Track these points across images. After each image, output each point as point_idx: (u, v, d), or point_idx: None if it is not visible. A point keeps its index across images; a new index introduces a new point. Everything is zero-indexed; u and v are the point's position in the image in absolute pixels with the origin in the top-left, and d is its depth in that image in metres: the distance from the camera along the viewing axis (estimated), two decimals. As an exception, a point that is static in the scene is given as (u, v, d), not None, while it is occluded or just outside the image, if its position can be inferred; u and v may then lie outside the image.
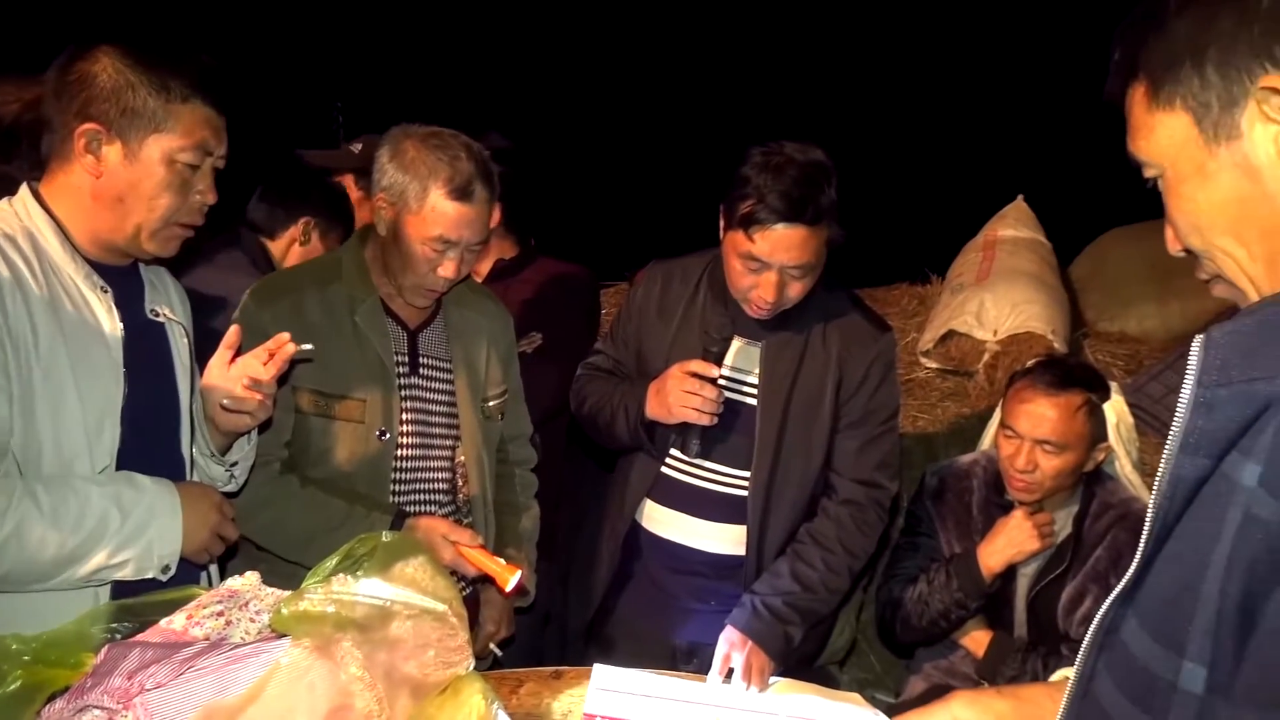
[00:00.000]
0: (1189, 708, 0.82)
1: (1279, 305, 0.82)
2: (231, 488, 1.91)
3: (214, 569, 1.88)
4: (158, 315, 1.78)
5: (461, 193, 1.96)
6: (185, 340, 1.82)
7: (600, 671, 2.01)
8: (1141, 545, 0.90)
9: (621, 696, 1.91)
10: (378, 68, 8.91)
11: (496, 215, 2.63)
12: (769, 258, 2.04)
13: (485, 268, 2.79)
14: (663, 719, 1.90)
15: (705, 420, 2.11)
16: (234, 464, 1.87)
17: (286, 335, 1.73)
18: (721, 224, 2.15)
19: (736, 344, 2.22)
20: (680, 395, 2.10)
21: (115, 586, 1.62)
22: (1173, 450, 0.85)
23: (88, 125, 1.58)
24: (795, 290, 2.11)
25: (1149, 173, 0.95)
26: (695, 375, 2.10)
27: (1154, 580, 0.89)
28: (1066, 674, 1.26)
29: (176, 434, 1.79)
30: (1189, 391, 0.84)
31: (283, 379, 1.81)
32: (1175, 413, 0.85)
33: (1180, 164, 0.90)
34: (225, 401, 1.72)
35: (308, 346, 1.77)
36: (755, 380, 2.21)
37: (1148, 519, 0.89)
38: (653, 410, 2.17)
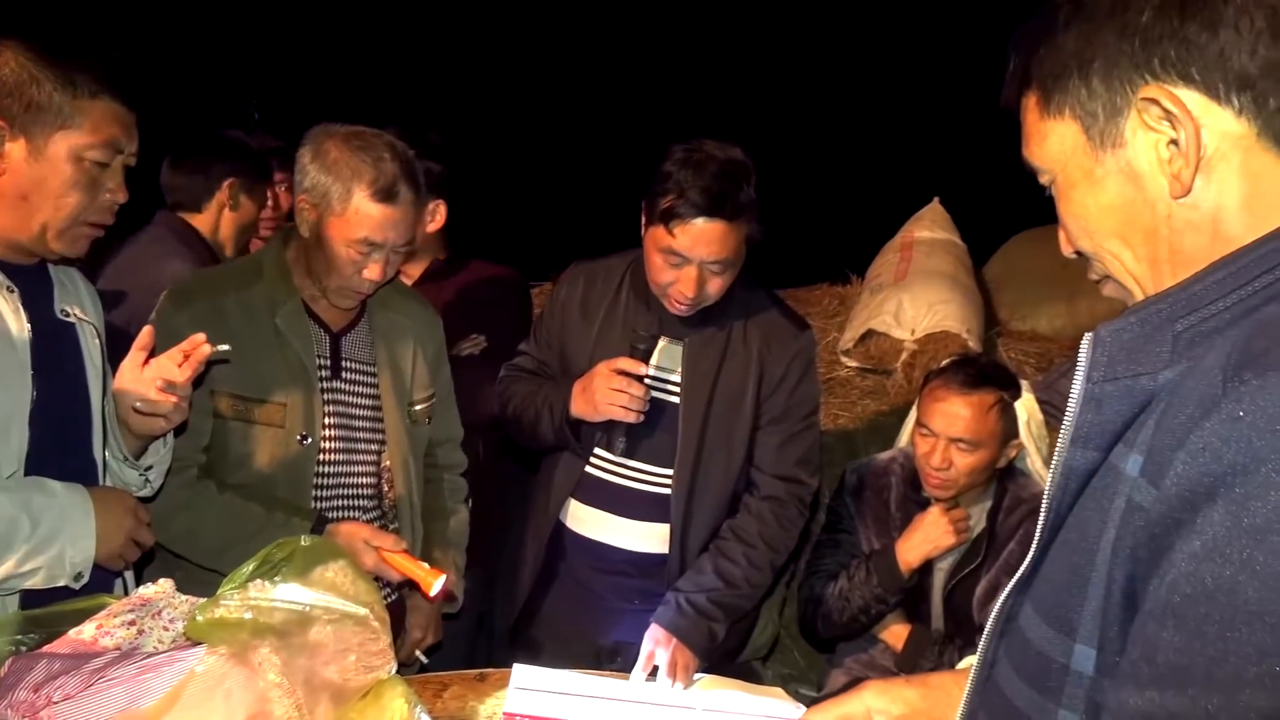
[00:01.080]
0: (1080, 688, 0.86)
1: (1160, 304, 0.86)
2: (146, 492, 1.85)
3: (129, 576, 1.83)
4: (68, 315, 1.72)
5: (386, 194, 1.93)
6: (97, 341, 1.77)
7: (520, 671, 2.01)
8: (1037, 535, 0.94)
9: (541, 695, 1.91)
10: (294, 65, 8.74)
11: (441, 217, 2.61)
12: (689, 252, 2.06)
13: (418, 270, 2.75)
14: (582, 716, 1.90)
15: (632, 418, 2.13)
16: (149, 468, 1.82)
17: (202, 336, 1.69)
18: (643, 220, 2.17)
19: (659, 342, 2.24)
20: (607, 393, 2.11)
21: (24, 595, 1.57)
22: (1065, 443, 0.89)
23: None
24: (715, 286, 2.13)
25: (1043, 178, 0.99)
26: (622, 373, 2.12)
27: (1048, 568, 0.93)
28: (972, 661, 1.31)
29: (88, 437, 1.74)
30: (1079, 387, 0.88)
31: (198, 381, 1.76)
32: (1067, 407, 0.89)
33: (1070, 170, 0.94)
34: (138, 404, 1.67)
35: (224, 347, 1.73)
36: (677, 378, 2.23)
37: (1042, 509, 0.93)
38: (578, 409, 2.18)
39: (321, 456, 2.07)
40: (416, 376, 2.24)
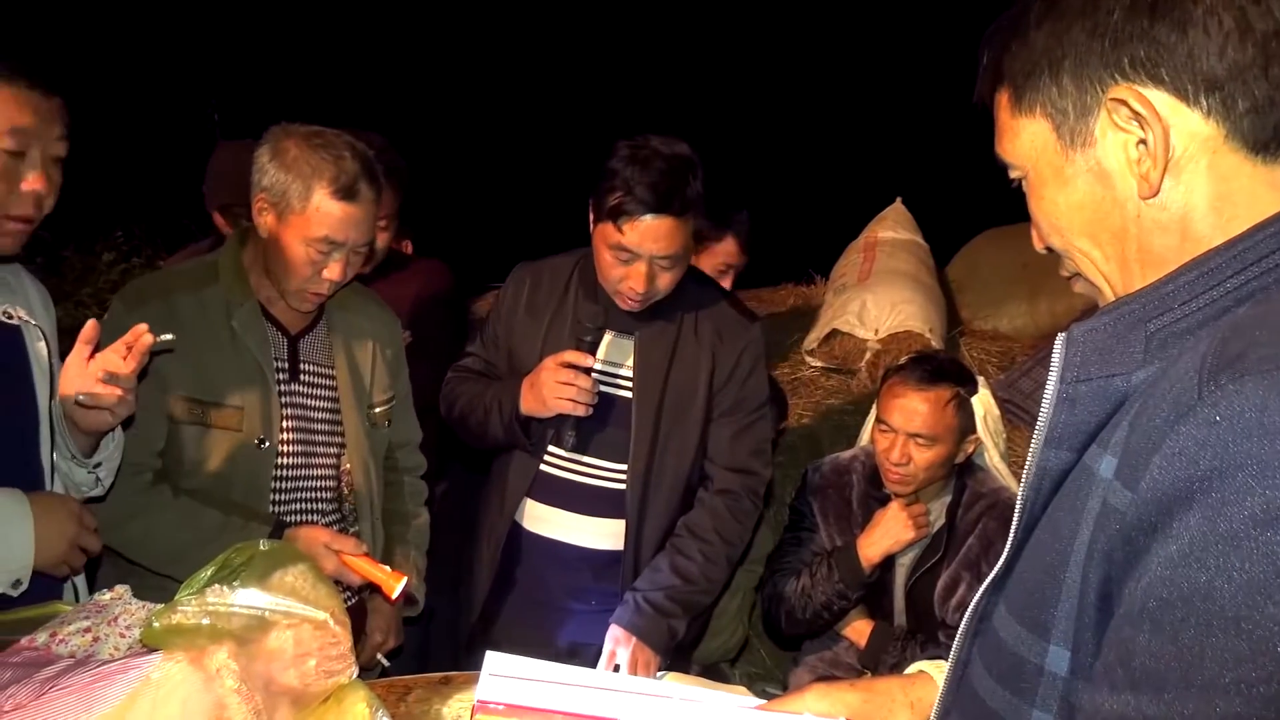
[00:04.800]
0: (1054, 689, 0.85)
1: (1132, 304, 0.86)
2: (98, 492, 1.81)
3: (81, 583, 1.80)
4: (10, 317, 1.67)
5: (347, 192, 1.91)
6: (43, 344, 1.72)
7: (492, 658, 1.99)
8: (1011, 535, 0.93)
9: (515, 683, 1.89)
10: (254, 66, 8.66)
11: (385, 208, 2.59)
12: (638, 248, 2.08)
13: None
14: (556, 703, 1.89)
15: (581, 410, 2.13)
16: (98, 465, 1.76)
17: (144, 326, 1.63)
18: (591, 217, 2.18)
19: (609, 337, 2.25)
20: (555, 386, 2.12)
21: None
22: (1039, 443, 0.89)
23: None
24: (664, 281, 2.15)
25: (1014, 174, 0.99)
26: (569, 366, 2.12)
27: (1022, 568, 0.92)
28: (922, 666, 1.31)
29: (35, 441, 1.70)
30: (1053, 387, 0.88)
31: (143, 374, 1.70)
32: (1040, 407, 0.89)
33: (1041, 167, 0.94)
34: (81, 398, 1.60)
35: (168, 336, 1.68)
36: (629, 372, 2.24)
37: (1016, 509, 0.92)
38: (528, 405, 2.18)
39: (279, 460, 2.05)
40: (375, 379, 2.22)
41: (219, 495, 1.99)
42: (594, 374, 2.17)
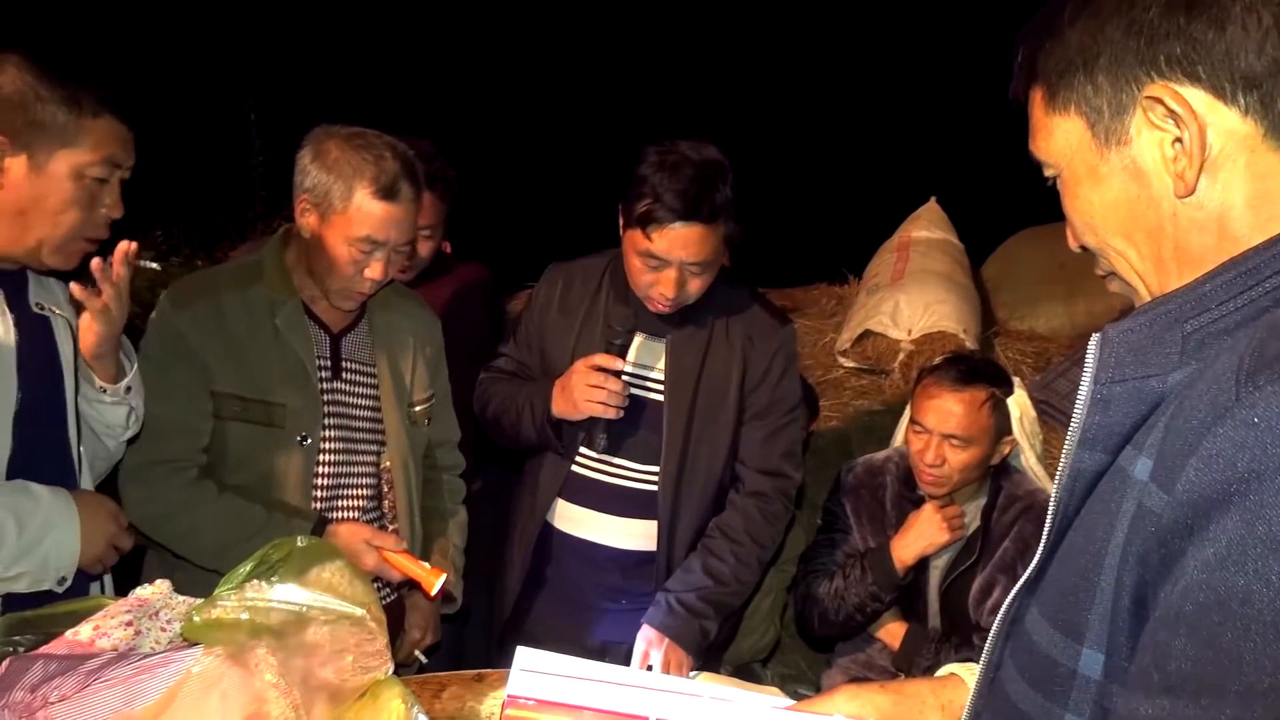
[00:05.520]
0: (1088, 692, 0.84)
1: (1169, 304, 0.85)
2: (134, 429, 1.84)
3: (108, 580, 1.83)
4: (43, 309, 1.70)
5: (388, 192, 1.93)
6: (70, 334, 1.75)
7: (523, 654, 2.00)
8: (1044, 537, 0.92)
9: (546, 678, 1.90)
10: (288, 67, 8.74)
11: (431, 217, 2.60)
12: (667, 255, 2.07)
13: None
14: (587, 699, 1.90)
15: (611, 413, 2.14)
16: (129, 390, 1.78)
17: (126, 244, 1.65)
18: (620, 222, 2.17)
19: (640, 339, 2.25)
20: (585, 390, 2.12)
21: (5, 598, 1.56)
22: (1072, 445, 0.88)
23: None
24: (695, 286, 2.14)
25: (1048, 172, 0.98)
26: (600, 369, 2.12)
27: (1055, 570, 0.91)
28: (953, 669, 1.30)
29: (65, 435, 1.73)
30: (1087, 388, 0.87)
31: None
32: (1074, 408, 0.88)
33: (1075, 166, 0.93)
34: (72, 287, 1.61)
35: (154, 265, 1.73)
36: (661, 375, 2.24)
37: (1049, 511, 0.92)
38: (559, 407, 2.18)
39: (321, 457, 2.07)
40: (416, 377, 2.24)
41: (262, 491, 2.02)
42: (625, 377, 2.18)
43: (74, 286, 1.61)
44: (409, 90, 9.14)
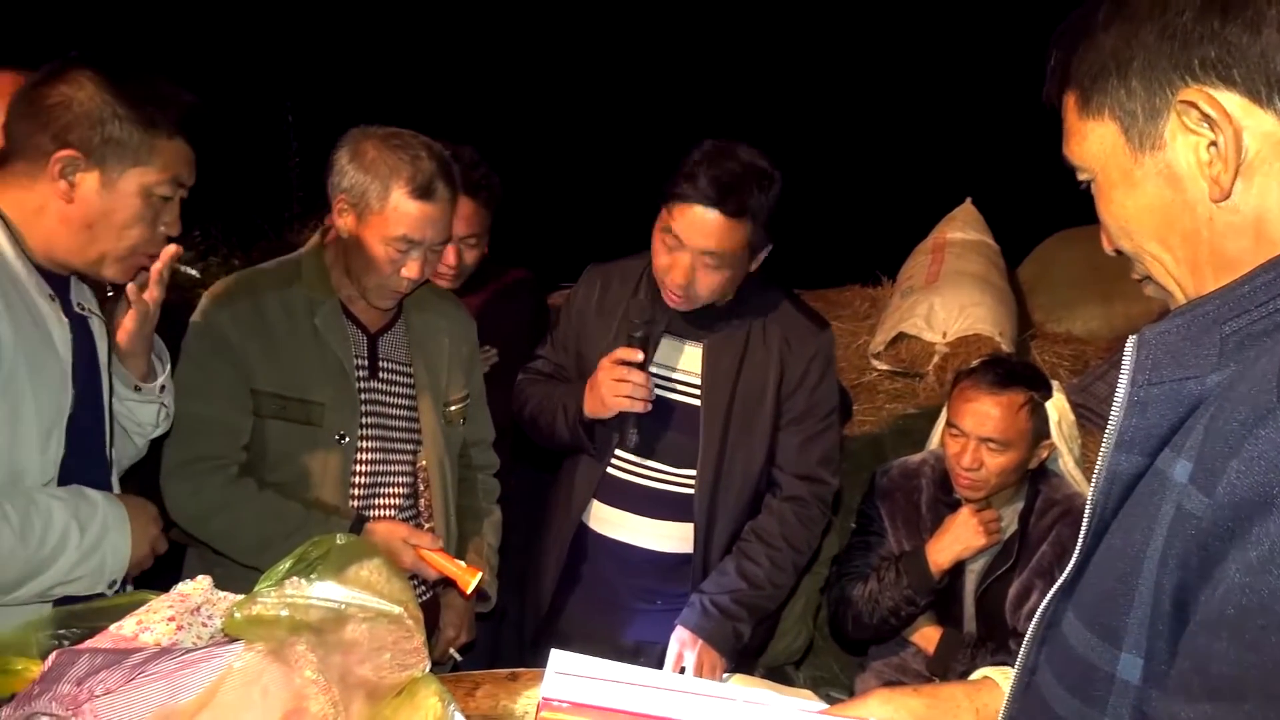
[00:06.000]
0: (1126, 697, 0.84)
1: (1205, 306, 0.85)
2: (164, 426, 1.88)
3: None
4: (84, 309, 1.73)
5: (424, 191, 1.95)
6: (106, 333, 1.78)
7: (558, 656, 2.01)
8: (1080, 540, 0.92)
9: (580, 680, 1.90)
10: (326, 69, 8.82)
11: (476, 225, 2.60)
12: (683, 235, 2.07)
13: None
14: (621, 702, 1.90)
15: (639, 407, 2.13)
16: (163, 389, 1.84)
17: (173, 247, 1.72)
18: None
19: (676, 343, 2.25)
20: (611, 385, 2.12)
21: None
22: (1109, 447, 0.88)
23: (66, 151, 1.53)
24: (706, 281, 2.12)
25: (1082, 176, 0.97)
26: (622, 363, 2.12)
27: (1092, 574, 0.91)
28: (987, 673, 1.29)
29: (102, 436, 1.76)
30: (1124, 390, 0.86)
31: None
32: (1111, 410, 0.87)
33: (1110, 170, 0.92)
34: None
35: (193, 272, 1.77)
36: (697, 380, 2.24)
37: (1086, 514, 0.91)
38: (590, 407, 2.19)
39: (358, 456, 2.09)
40: (451, 377, 2.26)
41: (300, 489, 2.04)
42: (660, 379, 2.18)
43: (130, 287, 1.68)
44: (445, 90, 9.20)
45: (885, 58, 9.78)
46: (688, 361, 2.25)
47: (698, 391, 2.24)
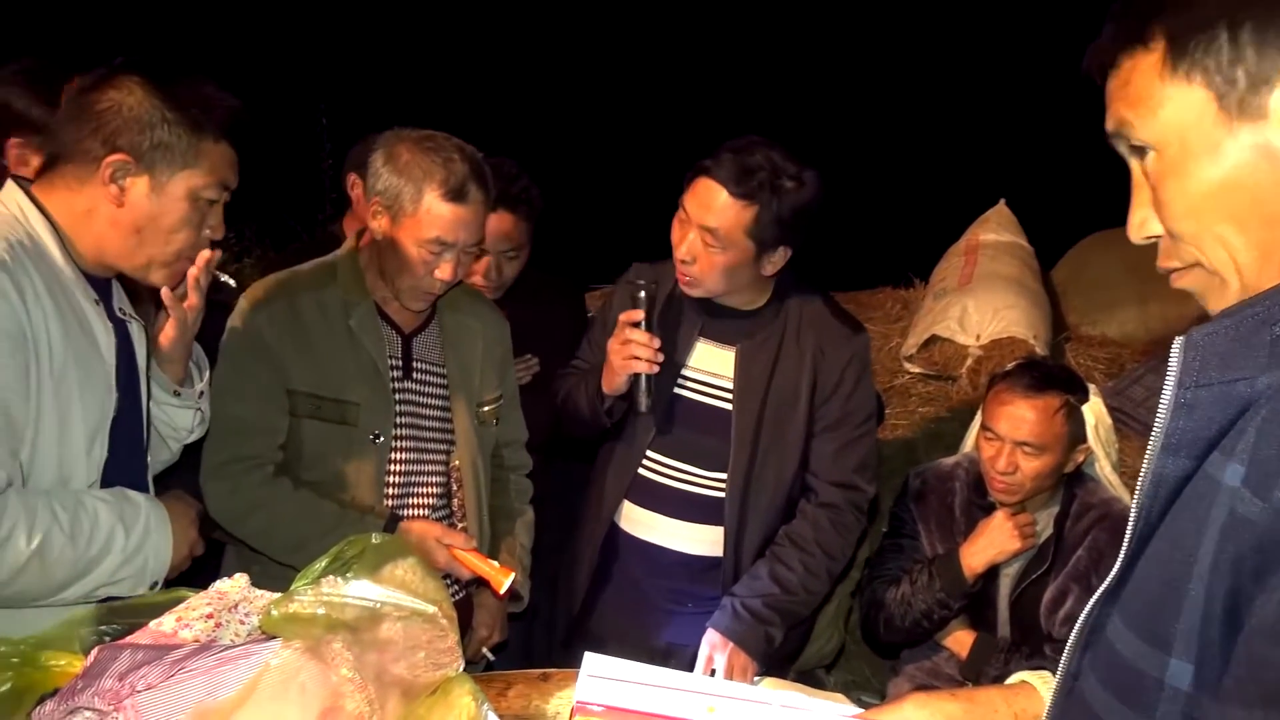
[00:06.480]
0: (1176, 704, 0.82)
1: (1255, 307, 0.82)
2: (199, 431, 1.92)
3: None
4: (124, 314, 1.75)
5: (457, 194, 1.96)
6: (145, 337, 1.80)
7: (591, 660, 2.01)
8: (1125, 544, 0.90)
9: (613, 684, 1.90)
10: (362, 71, 8.89)
11: (516, 238, 2.59)
12: (689, 209, 2.08)
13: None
14: (655, 706, 1.89)
15: (644, 367, 2.12)
16: (201, 395, 1.88)
17: (208, 252, 1.75)
18: None
19: (710, 347, 2.25)
20: (617, 349, 2.13)
21: None
22: (1155, 450, 0.86)
23: (117, 156, 1.55)
24: (705, 263, 2.10)
25: (1124, 146, 0.91)
26: (628, 328, 2.13)
27: (1138, 579, 0.89)
28: (1024, 677, 1.27)
29: (141, 439, 1.78)
30: (1170, 392, 0.84)
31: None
32: (1157, 413, 0.85)
33: (1191, 141, 0.85)
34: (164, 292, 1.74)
35: (231, 282, 1.85)
36: (730, 384, 2.23)
37: (1131, 518, 0.89)
38: (607, 383, 2.19)
39: (393, 456, 2.11)
40: (484, 378, 2.27)
41: (335, 489, 2.06)
42: (694, 383, 2.19)
43: (165, 292, 1.70)
44: (477, 91, 9.25)
45: (919, 59, 9.73)
46: (721, 365, 2.24)
47: (730, 396, 2.23)
